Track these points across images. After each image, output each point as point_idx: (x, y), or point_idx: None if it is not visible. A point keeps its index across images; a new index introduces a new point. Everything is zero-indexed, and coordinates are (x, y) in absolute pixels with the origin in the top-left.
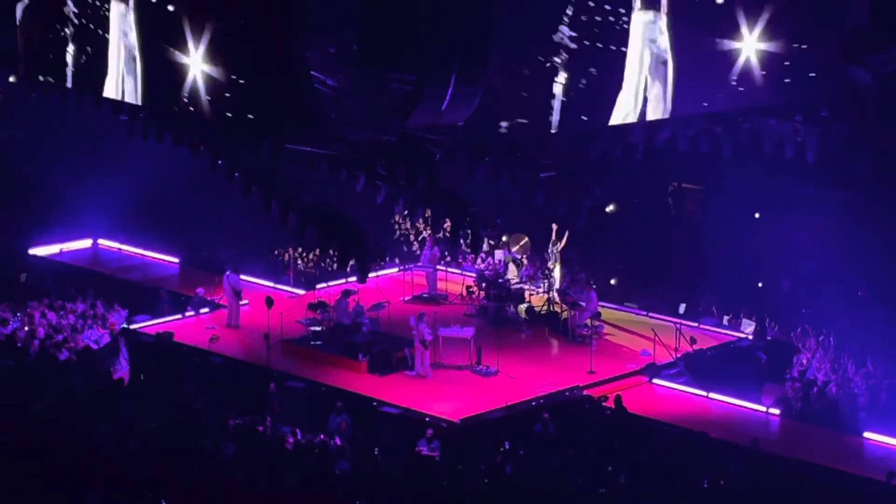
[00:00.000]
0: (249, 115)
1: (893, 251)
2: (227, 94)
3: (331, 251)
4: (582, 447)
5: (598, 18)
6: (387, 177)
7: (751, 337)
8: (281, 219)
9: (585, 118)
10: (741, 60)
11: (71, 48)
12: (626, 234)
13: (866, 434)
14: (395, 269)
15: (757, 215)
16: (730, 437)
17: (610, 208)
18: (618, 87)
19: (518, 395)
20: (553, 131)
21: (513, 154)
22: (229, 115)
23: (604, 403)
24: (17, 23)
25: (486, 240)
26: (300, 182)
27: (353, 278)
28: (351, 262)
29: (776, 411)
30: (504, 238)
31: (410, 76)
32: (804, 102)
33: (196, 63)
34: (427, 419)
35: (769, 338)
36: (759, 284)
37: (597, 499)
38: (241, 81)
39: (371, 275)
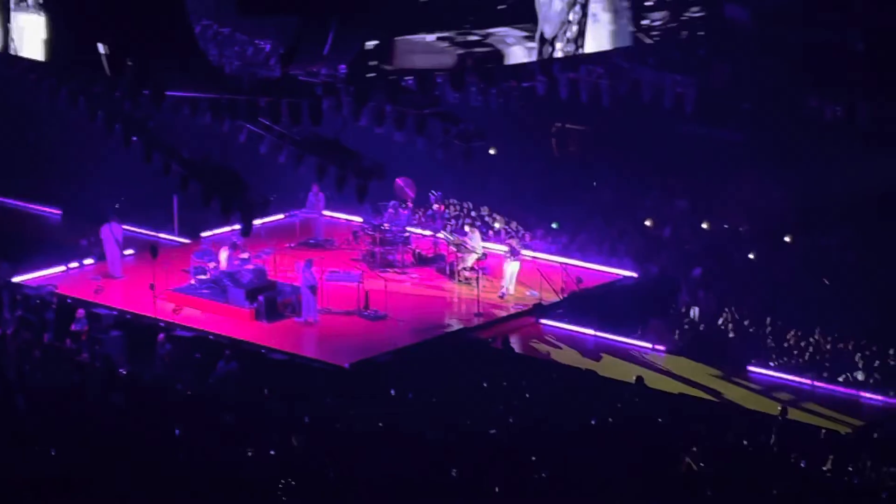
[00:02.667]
0: (129, 63)
1: (773, 187)
2: (104, 42)
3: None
4: (470, 389)
5: None
6: (269, 126)
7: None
8: (163, 170)
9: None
10: None
11: None
12: (511, 176)
13: (751, 367)
14: (281, 216)
15: None
16: (617, 375)
17: (492, 151)
18: None
19: (406, 338)
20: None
21: (396, 97)
22: (107, 63)
23: (492, 345)
24: None
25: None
26: (181, 132)
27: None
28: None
29: (661, 347)
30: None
31: (291, 19)
32: (683, 41)
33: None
34: (316, 365)
35: (654, 274)
36: (647, 223)
37: (487, 439)
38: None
39: (256, 222)
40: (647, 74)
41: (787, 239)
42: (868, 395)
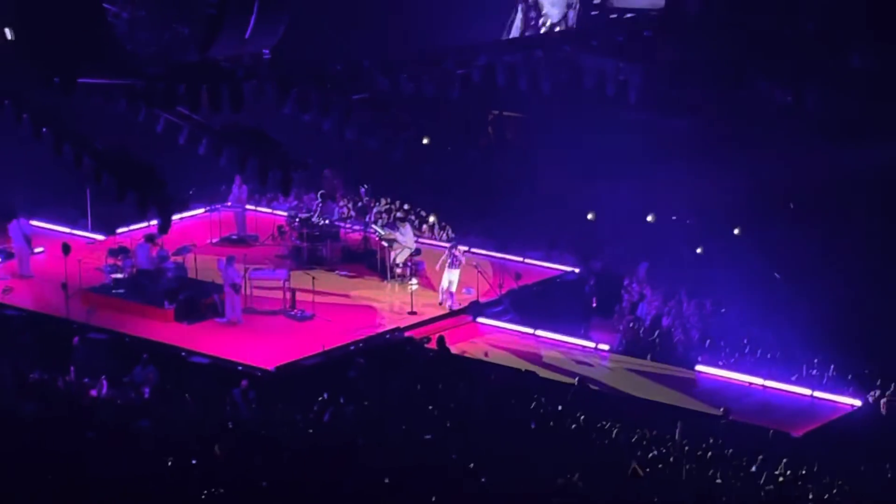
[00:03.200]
0: (38, 50)
1: (720, 176)
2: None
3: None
4: (405, 391)
5: None
6: (187, 116)
7: None
8: (75, 163)
9: None
10: None
11: None
12: (446, 167)
13: (698, 368)
14: (202, 210)
15: None
16: (558, 376)
17: (425, 141)
18: None
19: (336, 339)
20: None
21: (323, 83)
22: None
23: (426, 345)
24: None
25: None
26: (95, 123)
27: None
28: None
29: (605, 347)
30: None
31: (211, 1)
32: (630, 24)
33: None
34: (240, 368)
35: (597, 270)
36: (589, 216)
37: (423, 445)
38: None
39: (175, 216)
40: (589, 60)
41: (736, 231)
42: (821, 394)
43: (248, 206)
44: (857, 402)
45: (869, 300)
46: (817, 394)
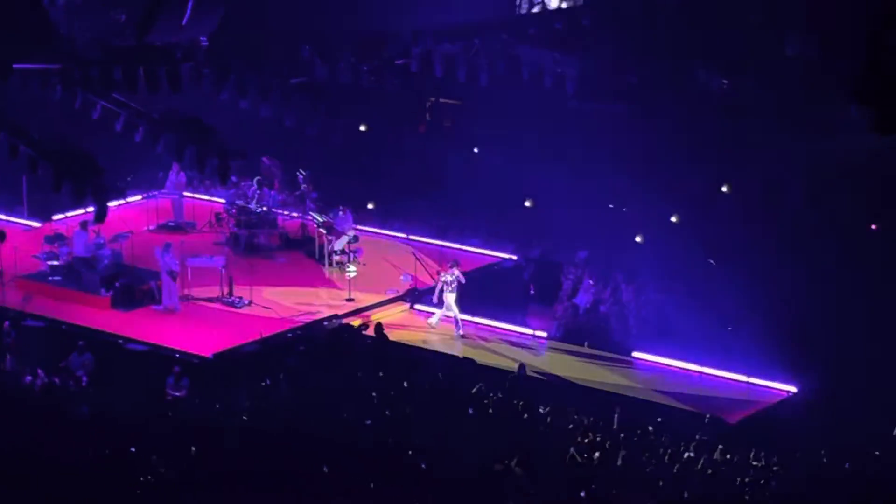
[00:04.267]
0: None
1: (658, 164)
2: None
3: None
4: (344, 379)
5: None
6: (124, 103)
7: None
8: (10, 153)
9: None
10: None
11: None
12: (383, 153)
13: (635, 354)
14: (139, 197)
15: None
16: (497, 363)
17: (363, 128)
18: None
19: (273, 326)
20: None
21: (261, 68)
22: None
23: (364, 332)
24: None
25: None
26: (31, 110)
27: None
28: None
29: (543, 334)
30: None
31: None
32: (568, 13)
33: None
34: (177, 355)
35: (535, 258)
36: (527, 203)
37: (362, 431)
38: None
39: (111, 204)
40: (526, 52)
41: (673, 219)
42: (756, 380)
43: (185, 193)
44: (793, 388)
45: (804, 286)
46: (753, 380)
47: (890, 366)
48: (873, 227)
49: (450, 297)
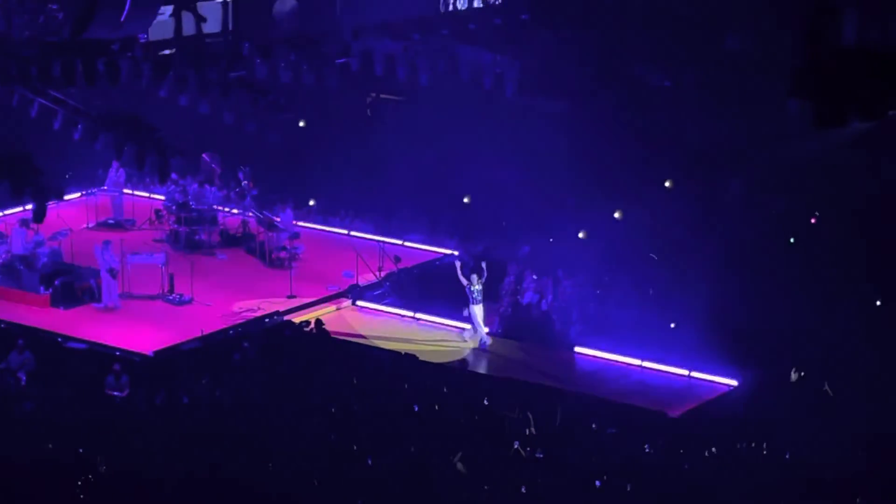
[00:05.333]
0: None
1: (600, 160)
2: None
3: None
4: (285, 377)
5: None
6: (62, 101)
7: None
8: None
9: None
10: None
11: None
12: (325, 149)
13: (577, 349)
14: (78, 194)
15: None
16: (439, 359)
17: (302, 124)
18: None
19: (215, 323)
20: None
21: (200, 65)
22: None
23: (306, 329)
24: None
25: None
26: None
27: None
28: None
29: (486, 329)
30: None
31: None
32: (507, 8)
33: None
34: (118, 353)
35: (477, 253)
36: (465, 199)
37: (306, 428)
38: None
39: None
40: (466, 52)
41: (616, 215)
42: (698, 375)
43: (124, 191)
44: (734, 382)
45: (745, 279)
46: (695, 374)
47: (831, 358)
48: (813, 220)
49: (476, 309)
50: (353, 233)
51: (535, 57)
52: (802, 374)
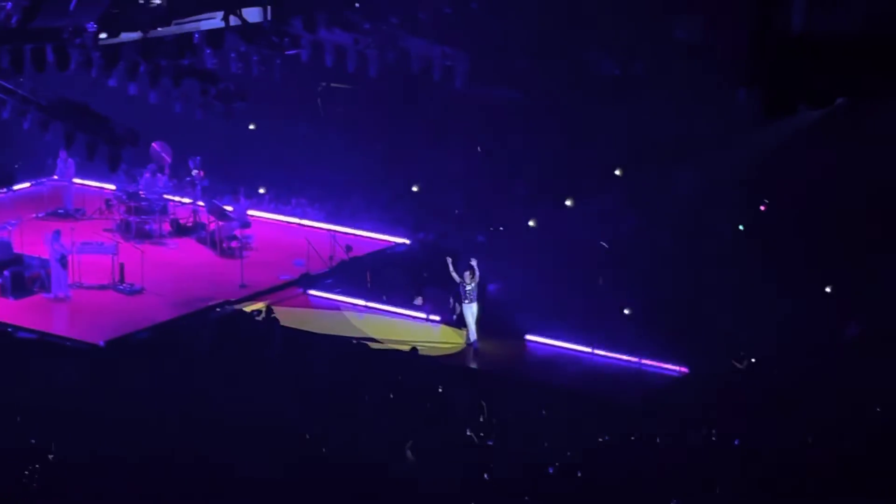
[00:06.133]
0: None
1: (551, 149)
2: None
3: None
4: (236, 365)
5: None
6: (12, 90)
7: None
8: None
9: None
10: None
11: None
12: (275, 139)
13: (528, 337)
14: (27, 184)
15: None
16: (389, 347)
17: (251, 127)
18: None
19: (165, 313)
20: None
21: (151, 55)
22: None
23: (257, 318)
24: None
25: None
26: None
27: None
28: None
29: (437, 318)
30: None
31: None
32: None
33: None
34: (68, 344)
35: (429, 242)
36: (414, 188)
37: (259, 416)
38: None
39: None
40: (416, 45)
41: (568, 203)
42: (648, 361)
43: (74, 180)
44: (684, 369)
45: (696, 267)
46: (645, 361)
47: (781, 344)
48: (762, 207)
49: (468, 308)
50: (304, 222)
51: (485, 45)
52: (752, 360)
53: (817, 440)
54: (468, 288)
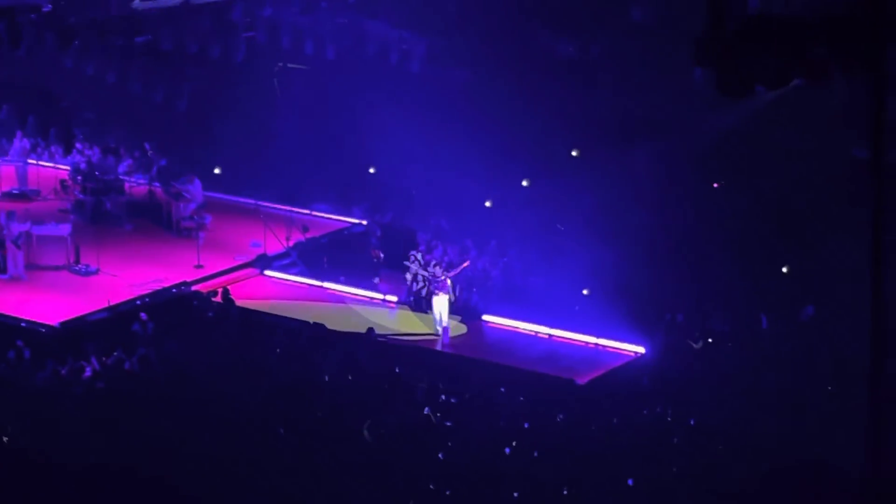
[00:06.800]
0: None
1: (508, 129)
2: None
3: None
4: (193, 346)
5: None
6: None
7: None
8: None
9: None
10: None
11: None
12: (231, 118)
13: (485, 317)
14: None
15: None
16: (347, 328)
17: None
18: None
19: (121, 294)
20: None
21: (104, 36)
22: None
23: (213, 299)
24: None
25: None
26: None
27: None
28: None
29: (393, 299)
30: None
31: None
32: None
33: None
34: (23, 325)
35: (385, 223)
36: (371, 170)
37: (216, 399)
38: None
39: None
40: (373, 28)
41: (524, 183)
42: (605, 342)
43: (29, 161)
44: (641, 349)
45: (652, 247)
46: (602, 341)
47: (735, 325)
48: (715, 185)
49: (438, 301)
50: (260, 202)
51: (442, 26)
52: (710, 340)
53: (771, 419)
54: (435, 276)
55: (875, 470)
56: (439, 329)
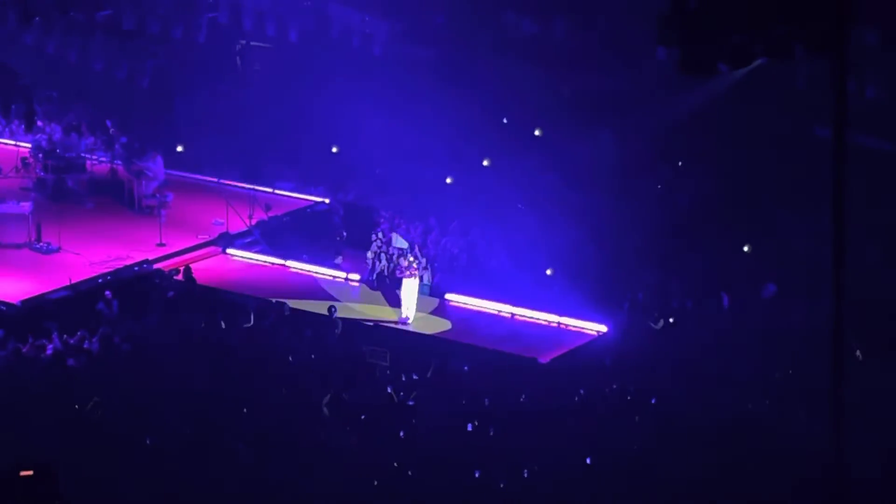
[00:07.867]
0: None
1: (470, 108)
2: None
3: None
4: (154, 325)
5: None
6: None
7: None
8: None
9: None
10: None
11: None
12: (194, 96)
13: (447, 296)
14: None
15: None
16: (308, 307)
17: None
18: None
19: (83, 272)
20: None
21: (65, 12)
22: None
23: (175, 277)
24: None
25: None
26: None
27: None
28: None
29: (356, 277)
30: None
31: None
32: None
33: None
34: None
35: (347, 202)
36: (333, 149)
37: (178, 379)
38: None
39: None
40: (336, 11)
41: (485, 163)
42: (568, 321)
43: None
44: (603, 328)
45: (614, 226)
46: (564, 320)
47: (699, 303)
48: (679, 163)
49: (411, 284)
50: (222, 180)
51: (403, 4)
52: (671, 320)
53: (733, 398)
54: (407, 261)
55: (837, 449)
56: (403, 313)
